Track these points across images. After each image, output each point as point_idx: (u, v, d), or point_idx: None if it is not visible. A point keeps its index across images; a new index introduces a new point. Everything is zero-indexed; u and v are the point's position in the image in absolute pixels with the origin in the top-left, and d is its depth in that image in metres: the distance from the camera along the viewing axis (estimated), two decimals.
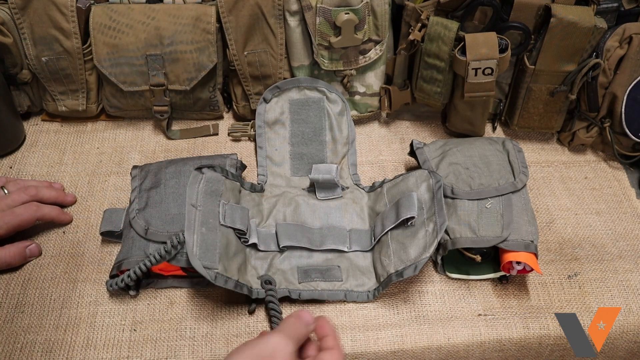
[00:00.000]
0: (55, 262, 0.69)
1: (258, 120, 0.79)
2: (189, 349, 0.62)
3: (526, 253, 0.64)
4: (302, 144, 0.78)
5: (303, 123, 0.78)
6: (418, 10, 0.75)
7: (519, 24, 0.74)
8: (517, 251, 0.64)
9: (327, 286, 0.65)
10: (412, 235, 0.65)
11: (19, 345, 0.62)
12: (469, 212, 0.67)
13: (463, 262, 0.68)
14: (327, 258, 0.68)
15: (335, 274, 0.66)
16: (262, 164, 0.77)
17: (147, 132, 0.85)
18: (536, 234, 0.67)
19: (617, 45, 0.74)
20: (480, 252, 0.66)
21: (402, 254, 0.64)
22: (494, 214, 0.67)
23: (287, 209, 0.70)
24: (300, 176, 0.76)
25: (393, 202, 0.69)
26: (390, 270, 0.63)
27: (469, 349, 0.64)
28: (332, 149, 0.78)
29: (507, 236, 0.64)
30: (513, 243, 0.64)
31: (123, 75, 0.78)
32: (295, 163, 0.77)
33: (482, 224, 0.66)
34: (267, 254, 0.67)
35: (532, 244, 0.65)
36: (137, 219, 0.66)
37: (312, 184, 0.72)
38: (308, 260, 0.67)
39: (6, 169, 0.79)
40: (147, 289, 0.66)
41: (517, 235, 0.65)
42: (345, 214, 0.71)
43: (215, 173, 0.66)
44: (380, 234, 0.67)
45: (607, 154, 0.84)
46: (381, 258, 0.66)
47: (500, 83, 0.82)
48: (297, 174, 0.76)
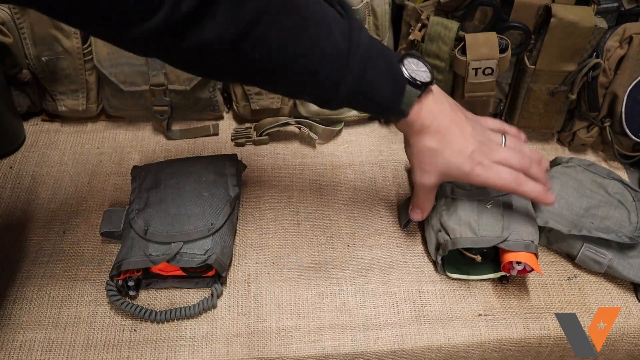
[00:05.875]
0: (55, 261, 0.69)
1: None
2: (189, 349, 0.62)
3: (526, 253, 0.64)
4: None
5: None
6: (418, 10, 0.75)
7: (519, 24, 0.74)
8: (518, 251, 0.64)
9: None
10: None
11: (17, 344, 0.62)
12: (469, 212, 0.67)
13: (463, 262, 0.67)
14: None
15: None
16: None
17: (147, 132, 0.85)
18: (536, 234, 0.66)
19: (617, 45, 0.74)
20: (480, 252, 0.65)
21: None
22: (494, 214, 0.66)
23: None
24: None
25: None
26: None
27: (469, 349, 0.64)
28: None
29: (508, 236, 0.64)
30: (513, 243, 0.64)
31: (123, 75, 0.78)
32: None
33: (482, 224, 0.65)
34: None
35: (533, 244, 0.64)
36: (136, 219, 0.66)
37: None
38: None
39: (6, 169, 0.79)
40: (147, 289, 0.66)
41: (517, 235, 0.65)
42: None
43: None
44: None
45: (607, 154, 0.84)
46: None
47: (500, 83, 0.82)
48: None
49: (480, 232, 0.65)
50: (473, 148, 0.61)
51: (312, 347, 0.63)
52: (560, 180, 0.73)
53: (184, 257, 0.63)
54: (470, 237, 0.65)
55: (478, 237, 0.64)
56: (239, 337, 0.63)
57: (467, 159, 0.61)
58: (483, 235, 0.64)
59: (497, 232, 0.64)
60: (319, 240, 0.72)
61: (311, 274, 0.69)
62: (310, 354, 0.62)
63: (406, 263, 0.70)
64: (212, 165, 0.72)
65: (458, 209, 0.67)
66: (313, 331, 0.64)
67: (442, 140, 0.61)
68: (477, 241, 0.64)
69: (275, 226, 0.73)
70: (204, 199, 0.67)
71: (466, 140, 0.61)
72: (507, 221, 0.65)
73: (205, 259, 0.63)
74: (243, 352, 0.62)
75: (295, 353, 0.62)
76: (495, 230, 0.65)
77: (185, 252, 0.63)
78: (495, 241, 0.64)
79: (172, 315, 0.64)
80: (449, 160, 0.61)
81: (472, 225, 0.65)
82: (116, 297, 0.63)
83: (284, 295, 0.67)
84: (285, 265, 0.69)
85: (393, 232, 0.73)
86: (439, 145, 0.61)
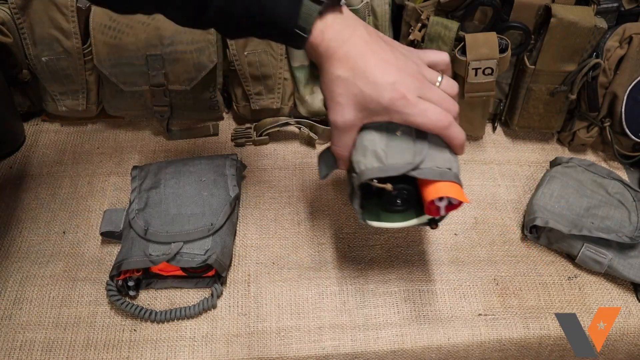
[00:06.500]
0: (55, 261, 0.69)
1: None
2: (189, 349, 0.62)
3: (446, 183, 0.54)
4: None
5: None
6: (418, 10, 0.75)
7: (519, 24, 0.74)
8: (434, 181, 0.54)
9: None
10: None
11: (18, 344, 0.62)
12: (377, 141, 0.56)
13: (385, 209, 0.59)
14: None
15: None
16: None
17: (147, 132, 0.85)
18: (456, 162, 0.57)
19: (617, 45, 0.74)
20: (401, 195, 0.57)
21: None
22: (406, 141, 0.56)
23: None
24: None
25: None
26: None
27: (469, 349, 0.64)
28: None
29: (420, 163, 0.54)
30: (427, 171, 0.54)
31: (123, 75, 0.78)
32: None
33: (390, 152, 0.55)
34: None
35: (450, 171, 0.55)
36: (136, 219, 0.66)
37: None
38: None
39: (6, 169, 0.79)
40: (147, 289, 0.66)
41: (431, 162, 0.55)
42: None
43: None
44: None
45: (607, 154, 0.84)
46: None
47: (500, 83, 0.82)
48: None
49: (388, 160, 0.55)
50: (395, 79, 0.53)
51: (312, 347, 0.63)
52: (560, 181, 0.73)
53: (184, 257, 0.63)
54: (377, 166, 0.55)
55: (385, 165, 0.55)
56: (239, 337, 0.63)
57: (385, 91, 0.53)
58: (391, 163, 0.54)
59: (408, 159, 0.55)
60: (319, 240, 0.72)
61: (311, 274, 0.69)
62: (311, 353, 0.62)
63: (406, 263, 0.70)
64: (212, 165, 0.72)
65: (363, 139, 0.56)
66: (313, 331, 0.64)
67: (355, 67, 0.53)
68: (384, 170, 0.55)
69: (275, 226, 0.73)
70: (204, 199, 0.67)
71: (385, 70, 0.53)
72: (419, 147, 0.55)
73: (205, 259, 0.63)
74: (243, 352, 0.62)
75: (296, 353, 0.62)
76: (404, 157, 0.55)
77: (185, 252, 0.63)
78: (406, 168, 0.54)
79: (172, 315, 0.64)
80: (363, 91, 0.53)
81: (378, 154, 0.55)
82: (116, 297, 0.63)
83: (284, 295, 0.67)
84: (285, 265, 0.69)
85: (393, 232, 0.73)
86: (351, 73, 0.53)
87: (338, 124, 0.55)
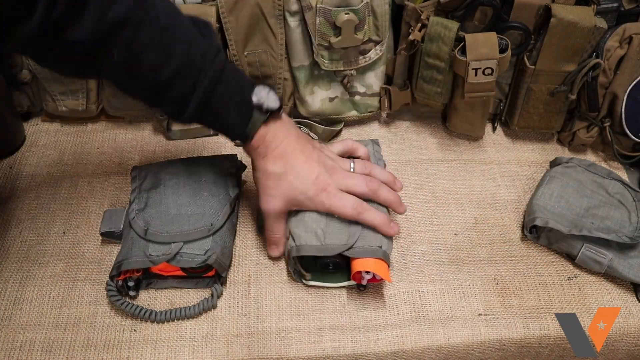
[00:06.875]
0: (55, 261, 0.69)
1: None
2: (189, 349, 0.62)
3: (374, 260, 0.62)
4: None
5: None
6: (418, 10, 0.75)
7: (519, 24, 0.74)
8: (364, 257, 0.62)
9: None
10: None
11: (18, 344, 0.62)
12: (317, 220, 0.64)
13: (320, 269, 0.65)
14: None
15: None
16: None
17: (147, 132, 0.85)
18: (387, 240, 0.64)
19: (617, 45, 0.74)
20: (333, 262, 0.64)
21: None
22: (343, 222, 0.64)
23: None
24: None
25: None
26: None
27: (469, 349, 0.64)
28: None
29: (353, 243, 0.62)
30: (359, 250, 0.62)
31: None
32: None
33: (329, 232, 0.63)
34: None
35: (380, 249, 0.62)
36: (136, 219, 0.66)
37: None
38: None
39: (6, 169, 0.79)
40: (147, 289, 0.66)
41: (363, 242, 0.63)
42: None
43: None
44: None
45: (607, 154, 0.84)
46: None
47: (500, 83, 0.82)
48: None
49: (326, 241, 0.63)
50: (318, 173, 0.63)
51: (312, 348, 0.63)
52: (560, 181, 0.73)
53: (184, 257, 0.63)
54: (315, 245, 0.63)
55: (323, 245, 0.62)
56: (239, 338, 0.63)
57: (311, 184, 0.62)
58: (328, 243, 0.62)
59: (343, 240, 0.63)
60: None
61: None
62: (310, 355, 0.62)
63: (406, 264, 0.70)
64: (212, 166, 0.72)
65: (305, 215, 0.65)
66: (313, 332, 0.64)
67: (287, 164, 0.62)
68: (321, 249, 0.62)
69: None
70: (204, 199, 0.67)
71: (311, 166, 0.63)
72: (354, 228, 0.63)
73: (205, 259, 0.63)
74: (243, 352, 0.62)
75: (295, 354, 0.62)
76: (340, 239, 0.63)
77: (185, 252, 0.63)
78: (340, 249, 0.62)
79: (172, 315, 0.64)
80: (293, 184, 0.62)
81: (317, 234, 0.63)
82: (116, 297, 0.63)
83: (284, 296, 0.67)
84: (285, 265, 0.69)
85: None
86: (283, 169, 0.62)
87: (270, 211, 0.64)
